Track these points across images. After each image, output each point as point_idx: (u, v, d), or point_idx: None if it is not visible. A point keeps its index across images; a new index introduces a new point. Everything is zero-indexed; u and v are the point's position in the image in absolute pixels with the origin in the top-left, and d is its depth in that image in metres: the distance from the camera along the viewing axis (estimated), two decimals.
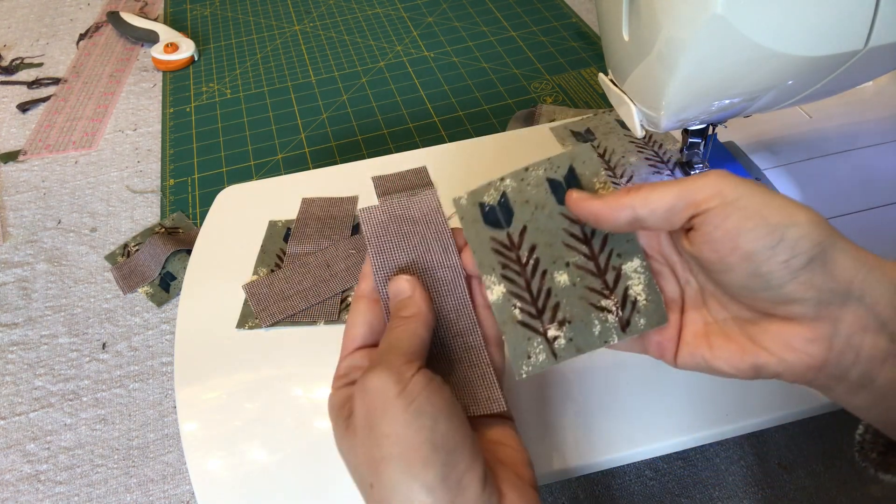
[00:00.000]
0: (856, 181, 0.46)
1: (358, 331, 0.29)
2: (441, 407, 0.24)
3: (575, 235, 0.28)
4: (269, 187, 0.51)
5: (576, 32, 0.83)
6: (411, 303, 0.28)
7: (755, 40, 0.28)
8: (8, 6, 0.99)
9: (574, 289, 0.28)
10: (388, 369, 0.24)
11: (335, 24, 0.89)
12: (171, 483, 0.44)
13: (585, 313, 0.28)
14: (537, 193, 0.29)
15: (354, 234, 0.47)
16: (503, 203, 0.29)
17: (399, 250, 0.30)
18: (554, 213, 0.28)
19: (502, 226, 0.29)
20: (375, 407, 0.23)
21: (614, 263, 0.28)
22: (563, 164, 0.29)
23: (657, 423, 0.35)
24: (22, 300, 0.56)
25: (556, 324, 0.28)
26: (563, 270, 0.28)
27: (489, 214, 0.29)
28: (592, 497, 0.41)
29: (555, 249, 0.28)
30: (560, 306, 0.28)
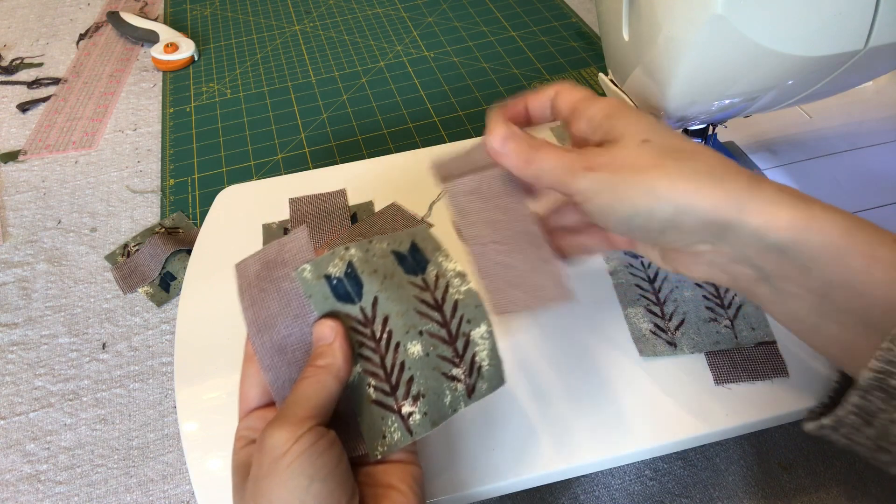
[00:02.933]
0: (856, 181, 0.46)
1: (252, 392, 0.29)
2: (320, 467, 0.24)
3: (426, 302, 0.28)
4: (270, 187, 0.51)
5: (576, 32, 0.83)
6: (329, 351, 0.27)
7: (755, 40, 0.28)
8: (8, 6, 0.99)
9: (427, 359, 0.28)
10: (282, 426, 0.24)
11: (335, 24, 0.89)
12: (171, 483, 0.44)
13: (437, 384, 0.28)
14: (385, 264, 0.28)
15: (354, 223, 0.47)
16: (350, 273, 0.28)
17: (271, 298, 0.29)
18: (403, 282, 0.28)
19: (353, 300, 0.28)
20: (263, 465, 0.24)
21: (464, 330, 0.28)
22: (404, 240, 0.29)
23: (657, 423, 0.35)
24: (22, 300, 0.56)
25: (409, 399, 0.27)
26: (417, 340, 0.28)
27: (338, 287, 0.28)
28: (592, 497, 0.41)
29: (408, 318, 0.28)
30: (414, 380, 0.28)
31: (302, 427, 0.24)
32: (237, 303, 0.43)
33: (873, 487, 0.40)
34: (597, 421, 0.35)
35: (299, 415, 0.25)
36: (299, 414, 0.25)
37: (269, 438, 0.24)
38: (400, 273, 0.29)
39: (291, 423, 0.24)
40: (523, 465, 0.34)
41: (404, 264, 0.29)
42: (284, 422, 0.24)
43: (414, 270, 0.29)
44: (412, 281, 0.29)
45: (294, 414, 0.25)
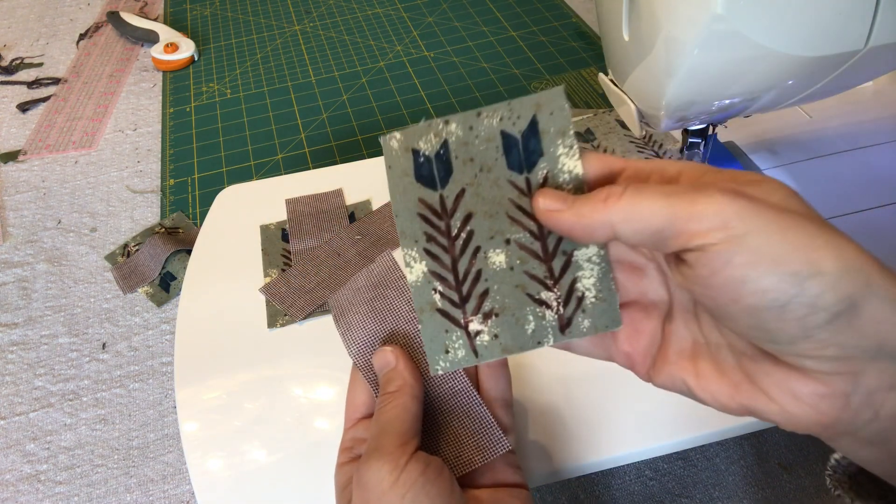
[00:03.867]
0: (856, 181, 0.46)
1: (360, 399, 0.28)
2: (435, 496, 0.22)
3: (523, 209, 0.23)
4: (270, 187, 0.51)
5: (576, 32, 0.83)
6: (396, 375, 0.27)
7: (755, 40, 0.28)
8: (8, 6, 0.99)
9: (510, 274, 0.23)
10: (381, 458, 0.23)
11: (335, 24, 0.89)
12: (171, 483, 0.44)
13: (519, 305, 0.23)
14: (486, 150, 0.23)
15: (352, 221, 0.47)
16: (442, 155, 0.23)
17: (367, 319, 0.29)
18: (501, 180, 0.23)
19: (436, 185, 0.23)
20: (369, 500, 0.23)
21: (565, 248, 0.23)
22: (525, 112, 0.23)
23: (657, 423, 0.35)
24: (22, 300, 0.56)
25: (480, 315, 0.23)
26: (501, 249, 0.23)
27: (423, 167, 0.23)
28: (592, 497, 0.41)
29: (495, 222, 0.23)
30: (489, 293, 0.23)
31: (402, 456, 0.23)
32: (237, 303, 0.43)
33: None
34: (597, 421, 0.35)
35: (394, 444, 0.24)
36: (393, 443, 0.24)
37: (368, 473, 0.23)
38: (501, 166, 0.23)
39: (389, 454, 0.23)
40: (523, 467, 0.34)
41: (510, 154, 0.23)
42: (381, 453, 0.23)
43: (519, 166, 0.23)
44: (512, 179, 0.23)
45: (388, 444, 0.24)
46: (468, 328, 0.23)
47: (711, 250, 0.18)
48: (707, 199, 0.18)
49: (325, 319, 0.42)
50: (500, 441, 0.27)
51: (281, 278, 0.43)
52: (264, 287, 0.43)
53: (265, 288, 0.43)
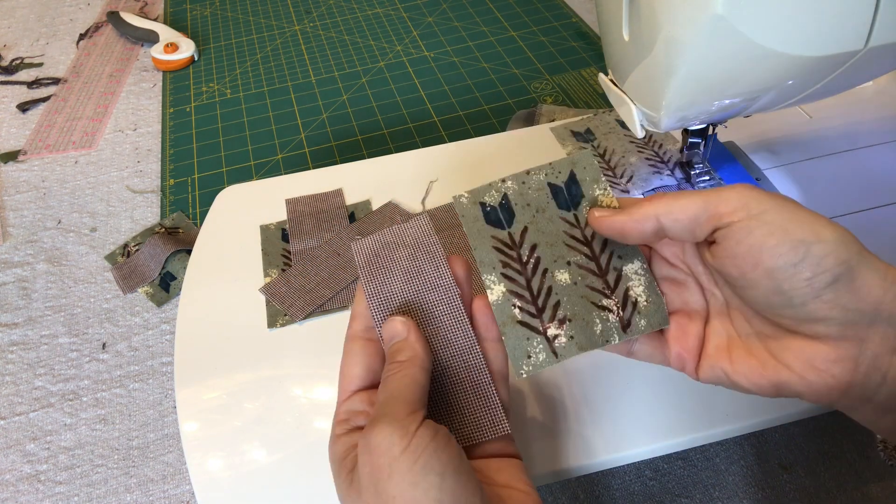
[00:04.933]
0: (856, 181, 0.46)
1: (355, 372, 0.28)
2: (447, 462, 0.23)
3: (576, 237, 0.29)
4: (270, 187, 0.51)
5: (576, 32, 0.83)
6: (406, 346, 0.27)
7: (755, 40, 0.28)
8: (8, 6, 0.99)
9: (575, 287, 0.28)
10: (391, 423, 0.23)
11: (335, 24, 0.89)
12: (171, 483, 0.44)
13: (587, 311, 0.28)
14: (538, 197, 0.29)
15: (352, 221, 0.47)
16: (504, 205, 0.29)
17: (393, 277, 0.29)
18: (555, 217, 0.29)
19: (503, 226, 0.29)
20: (380, 466, 0.22)
21: (615, 265, 0.28)
22: (564, 169, 0.29)
23: (657, 423, 0.35)
24: (22, 300, 0.56)
25: (556, 322, 0.28)
26: (565, 269, 0.28)
27: (490, 214, 0.29)
28: (592, 497, 0.41)
29: (556, 249, 0.28)
30: (561, 304, 0.28)
31: (412, 423, 0.23)
32: (237, 303, 0.43)
33: (873, 487, 0.40)
34: (597, 421, 0.35)
35: (403, 411, 0.24)
36: (403, 410, 0.24)
37: (378, 438, 0.23)
38: (552, 207, 0.29)
39: (399, 420, 0.23)
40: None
41: (558, 198, 0.29)
42: (390, 420, 0.23)
43: (567, 205, 0.29)
44: (563, 216, 0.29)
45: (397, 411, 0.24)
46: (547, 333, 0.27)
47: (736, 226, 0.23)
48: (730, 189, 0.23)
49: (325, 319, 0.42)
50: (501, 422, 0.28)
51: (281, 278, 0.44)
52: (264, 287, 0.43)
53: (265, 288, 0.43)
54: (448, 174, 0.50)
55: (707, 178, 0.46)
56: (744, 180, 0.47)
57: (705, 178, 0.46)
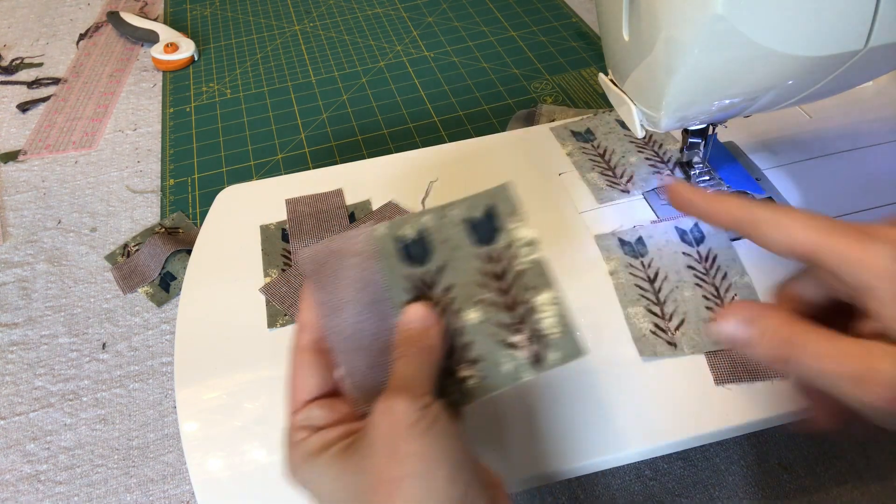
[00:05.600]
0: (856, 181, 0.46)
1: (309, 382, 0.28)
2: (456, 432, 0.24)
3: (488, 274, 0.28)
4: (270, 187, 0.51)
5: (576, 32, 0.83)
6: (431, 335, 0.27)
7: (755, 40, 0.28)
8: (8, 6, 0.99)
9: (484, 326, 0.28)
10: (411, 395, 0.24)
11: (335, 24, 0.89)
12: (171, 483, 0.44)
13: (494, 351, 0.27)
14: (456, 234, 0.28)
15: (352, 221, 0.47)
16: (421, 241, 0.28)
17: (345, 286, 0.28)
18: (469, 255, 0.28)
19: (420, 263, 0.28)
20: (399, 428, 0.23)
21: (526, 297, 0.28)
22: (481, 204, 0.29)
23: (657, 423, 0.35)
24: (22, 300, 0.56)
25: (466, 363, 0.28)
26: (476, 308, 0.28)
27: (406, 249, 0.28)
28: (592, 497, 0.41)
29: (469, 289, 0.28)
30: (471, 345, 0.28)
31: (427, 399, 0.24)
32: (237, 303, 0.43)
33: (874, 487, 0.40)
34: (597, 421, 0.35)
35: (422, 387, 0.25)
36: (422, 386, 0.25)
37: (401, 403, 0.24)
38: (468, 245, 0.29)
39: (417, 395, 0.24)
40: (523, 466, 0.34)
41: (476, 233, 0.29)
42: (410, 393, 0.24)
43: (484, 240, 0.29)
44: (479, 253, 0.28)
45: (415, 387, 0.25)
46: (457, 374, 0.27)
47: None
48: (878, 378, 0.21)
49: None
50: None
51: (281, 278, 0.43)
52: (264, 287, 0.43)
53: (265, 288, 0.43)
54: (448, 174, 0.50)
55: (707, 178, 0.46)
56: (744, 180, 0.47)
57: (705, 178, 0.46)
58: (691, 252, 0.42)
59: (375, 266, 0.28)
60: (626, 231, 0.44)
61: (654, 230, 0.44)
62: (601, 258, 0.42)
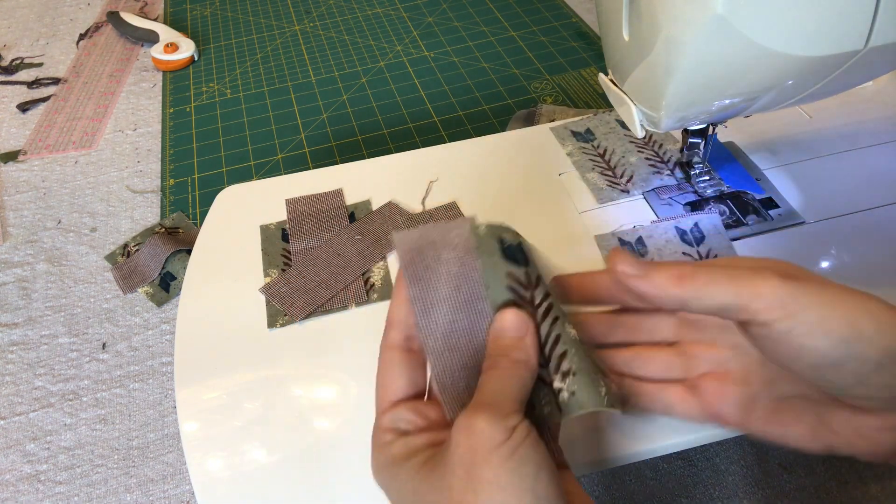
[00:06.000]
0: (856, 181, 0.46)
1: (397, 383, 0.26)
2: (542, 458, 0.23)
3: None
4: (270, 187, 0.51)
5: (576, 32, 0.83)
6: (522, 346, 0.26)
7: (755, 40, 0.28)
8: (8, 6, 0.99)
9: (582, 344, 0.26)
10: (496, 414, 0.23)
11: (335, 24, 0.89)
12: (171, 483, 0.44)
13: (592, 369, 0.26)
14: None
15: (352, 221, 0.47)
16: (521, 246, 0.28)
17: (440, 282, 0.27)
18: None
19: (520, 263, 0.27)
20: (479, 450, 0.22)
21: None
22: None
23: (657, 423, 0.35)
24: (22, 300, 0.56)
25: (560, 374, 0.26)
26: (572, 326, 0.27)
27: (507, 250, 0.27)
28: (592, 497, 0.41)
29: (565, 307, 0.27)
30: (567, 356, 0.26)
31: (515, 418, 0.23)
32: (237, 303, 0.43)
33: (873, 487, 0.40)
34: (597, 421, 0.35)
35: (510, 406, 0.24)
36: (508, 406, 0.24)
37: (482, 422, 0.22)
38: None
39: (504, 413, 0.23)
40: None
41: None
42: (495, 411, 0.23)
43: None
44: None
45: (503, 404, 0.23)
46: (552, 385, 0.26)
47: (774, 325, 0.22)
48: (765, 282, 0.22)
49: (325, 319, 0.42)
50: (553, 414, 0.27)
51: (281, 278, 0.44)
52: (264, 287, 0.43)
53: (265, 288, 0.43)
54: (448, 174, 0.50)
55: (707, 178, 0.46)
56: (744, 180, 0.47)
57: (705, 178, 0.46)
58: (691, 252, 0.42)
59: (475, 262, 0.27)
60: (626, 231, 0.44)
61: (654, 230, 0.44)
62: (601, 258, 0.42)
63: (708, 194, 0.46)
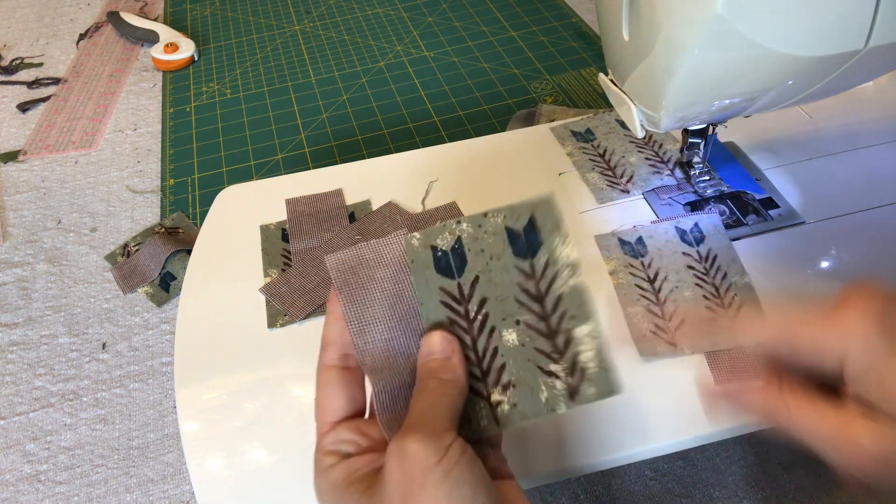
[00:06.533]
0: (856, 181, 0.46)
1: (336, 402, 0.26)
2: (478, 477, 0.22)
3: (528, 292, 0.26)
4: (270, 187, 0.51)
5: (576, 32, 0.83)
6: (449, 366, 0.26)
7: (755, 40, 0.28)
8: (8, 6, 0.99)
9: (522, 350, 0.26)
10: (428, 434, 0.22)
11: (335, 24, 0.89)
12: (171, 483, 0.44)
13: (532, 377, 0.26)
14: (494, 243, 0.27)
15: (352, 221, 0.47)
16: (457, 250, 0.27)
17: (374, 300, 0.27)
18: (509, 266, 0.27)
19: (454, 275, 0.27)
20: (413, 474, 0.22)
21: (566, 325, 0.26)
22: (524, 213, 0.27)
23: (657, 423, 0.35)
24: (22, 300, 0.56)
25: (499, 387, 0.26)
26: (513, 329, 0.26)
27: (441, 260, 0.27)
28: (592, 497, 0.41)
29: (506, 305, 0.27)
30: (506, 368, 0.26)
31: (447, 438, 0.23)
32: (237, 303, 0.43)
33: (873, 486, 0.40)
34: (597, 421, 0.35)
35: (442, 425, 0.23)
36: (440, 424, 0.23)
37: (414, 445, 0.22)
38: (508, 255, 0.27)
39: (436, 433, 0.23)
40: (523, 466, 0.34)
41: (515, 244, 0.27)
42: (428, 431, 0.23)
43: (524, 253, 0.26)
44: (519, 265, 0.26)
45: (435, 424, 0.23)
46: (490, 399, 0.26)
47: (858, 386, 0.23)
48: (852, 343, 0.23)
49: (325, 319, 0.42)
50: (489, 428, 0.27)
51: (281, 278, 0.44)
52: (264, 287, 0.43)
53: (265, 288, 0.43)
54: (448, 174, 0.50)
55: (707, 178, 0.46)
56: (744, 180, 0.47)
57: (705, 178, 0.46)
58: (691, 252, 0.42)
59: (409, 279, 0.27)
60: (626, 231, 0.44)
61: (654, 230, 0.44)
62: (601, 258, 0.42)
63: (708, 194, 0.46)
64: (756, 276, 0.40)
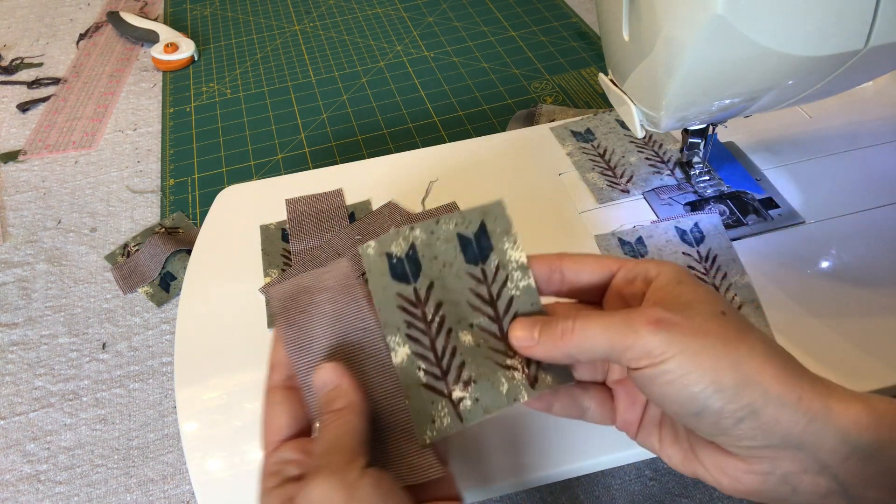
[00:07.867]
0: (856, 181, 0.46)
1: (280, 421, 0.26)
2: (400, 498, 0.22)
3: (481, 296, 0.28)
4: (270, 187, 0.51)
5: (576, 32, 0.83)
6: (340, 393, 0.25)
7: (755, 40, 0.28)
8: (8, 6, 0.99)
9: (478, 349, 0.27)
10: (331, 474, 0.22)
11: (335, 24, 0.89)
12: (171, 483, 0.44)
13: (491, 371, 0.27)
14: (447, 250, 0.28)
15: (352, 221, 0.47)
16: (411, 256, 0.28)
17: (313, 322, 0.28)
18: (461, 273, 0.28)
19: (409, 280, 0.28)
20: None
21: None
22: (474, 219, 0.28)
23: None
24: (22, 300, 0.56)
25: (461, 384, 0.27)
26: (468, 331, 0.27)
27: (396, 267, 0.28)
28: (592, 497, 0.41)
29: (460, 309, 0.28)
30: (465, 365, 0.27)
31: (352, 472, 0.22)
32: (237, 303, 0.43)
33: None
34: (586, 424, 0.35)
35: (343, 460, 0.23)
36: (342, 460, 0.23)
37: (316, 491, 0.21)
38: (460, 262, 0.28)
39: (338, 470, 0.22)
40: (523, 466, 0.34)
41: (467, 251, 0.28)
42: (330, 471, 0.22)
43: (475, 259, 0.28)
44: (471, 272, 0.28)
45: (336, 461, 0.23)
46: (451, 396, 0.27)
47: (640, 373, 0.23)
48: (634, 334, 0.23)
49: None
50: (433, 465, 0.27)
51: (281, 278, 0.44)
52: (264, 287, 0.43)
53: (265, 288, 0.43)
54: (448, 174, 0.50)
55: (707, 178, 0.46)
56: (744, 180, 0.47)
57: (705, 177, 0.46)
58: (691, 252, 0.42)
59: (348, 299, 0.28)
60: (626, 231, 0.44)
61: (654, 230, 0.44)
62: None
63: (708, 194, 0.46)
64: (756, 276, 0.40)
